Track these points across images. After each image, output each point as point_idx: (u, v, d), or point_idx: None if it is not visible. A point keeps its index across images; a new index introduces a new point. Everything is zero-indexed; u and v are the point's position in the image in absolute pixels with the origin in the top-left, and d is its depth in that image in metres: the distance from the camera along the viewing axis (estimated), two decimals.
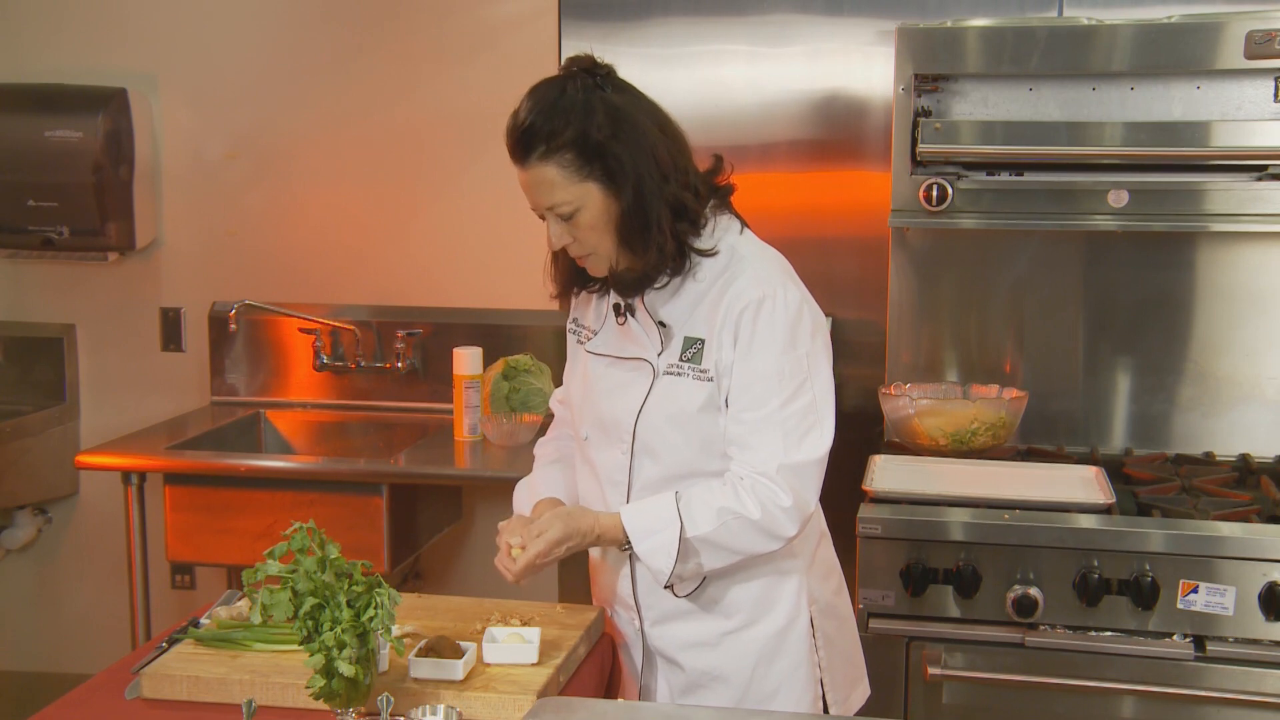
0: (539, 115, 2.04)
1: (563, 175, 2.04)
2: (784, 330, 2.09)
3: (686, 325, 2.14)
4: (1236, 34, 2.86)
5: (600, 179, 2.04)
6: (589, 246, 2.10)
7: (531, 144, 2.04)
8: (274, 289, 3.85)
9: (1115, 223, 2.97)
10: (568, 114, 2.03)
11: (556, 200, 2.06)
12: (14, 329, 4.03)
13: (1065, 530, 2.62)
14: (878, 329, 3.36)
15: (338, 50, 3.79)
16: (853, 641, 2.37)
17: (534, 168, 2.05)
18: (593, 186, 2.05)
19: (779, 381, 2.08)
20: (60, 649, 4.13)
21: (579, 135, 2.02)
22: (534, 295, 3.69)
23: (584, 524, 2.10)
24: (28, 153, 3.74)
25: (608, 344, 2.22)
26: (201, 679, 1.96)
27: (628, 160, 2.04)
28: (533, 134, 2.04)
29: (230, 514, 3.30)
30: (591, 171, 2.04)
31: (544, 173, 2.05)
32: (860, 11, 3.39)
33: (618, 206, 2.05)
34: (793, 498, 2.07)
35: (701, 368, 2.11)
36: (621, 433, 2.17)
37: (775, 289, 2.10)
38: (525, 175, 2.08)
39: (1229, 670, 2.58)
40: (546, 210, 2.08)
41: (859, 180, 3.43)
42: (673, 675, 2.25)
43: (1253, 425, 3.18)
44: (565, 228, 2.08)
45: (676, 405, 2.13)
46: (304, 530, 1.84)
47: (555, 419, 2.47)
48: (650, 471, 2.16)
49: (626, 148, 2.04)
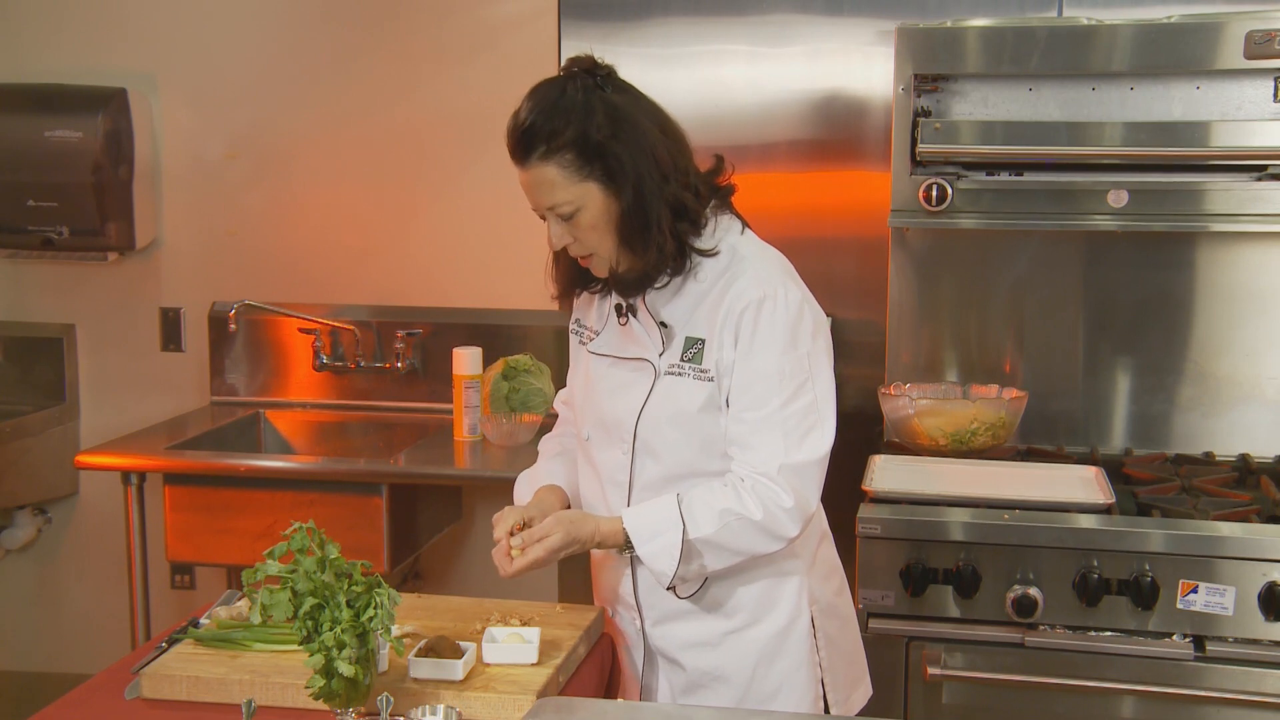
0: (539, 115, 2.04)
1: (563, 175, 2.04)
2: (785, 330, 2.09)
3: (688, 325, 2.14)
4: (1236, 34, 2.86)
5: (600, 179, 2.04)
6: (589, 247, 2.10)
7: (532, 144, 2.04)
8: (274, 289, 3.85)
9: (1115, 223, 2.97)
10: (568, 114, 2.03)
11: (557, 200, 2.06)
12: (14, 329, 4.03)
13: (1065, 530, 2.62)
14: (878, 329, 3.36)
15: (338, 50, 3.79)
16: (854, 642, 2.37)
17: (534, 168, 2.05)
18: (593, 186, 2.05)
19: (780, 381, 2.08)
20: (60, 649, 4.13)
21: (579, 135, 2.02)
22: (534, 295, 3.71)
23: (584, 531, 2.10)
24: (27, 153, 3.74)
25: (609, 344, 2.23)
26: (201, 679, 1.96)
27: (628, 160, 2.03)
28: (533, 134, 2.04)
29: (230, 514, 3.30)
30: (591, 172, 2.04)
31: (544, 173, 2.05)
32: (860, 11, 3.39)
33: (618, 206, 2.05)
34: (794, 498, 2.07)
35: (702, 368, 2.12)
36: (623, 433, 2.17)
37: (776, 289, 2.10)
38: (526, 175, 2.08)
39: (1229, 670, 2.58)
40: (547, 210, 2.08)
41: (859, 180, 3.43)
42: (674, 675, 2.25)
43: (1253, 425, 3.18)
44: (566, 228, 2.09)
45: (677, 405, 2.13)
46: (304, 530, 1.84)
47: (560, 419, 2.48)
48: (651, 471, 2.17)
49: (626, 148, 2.04)
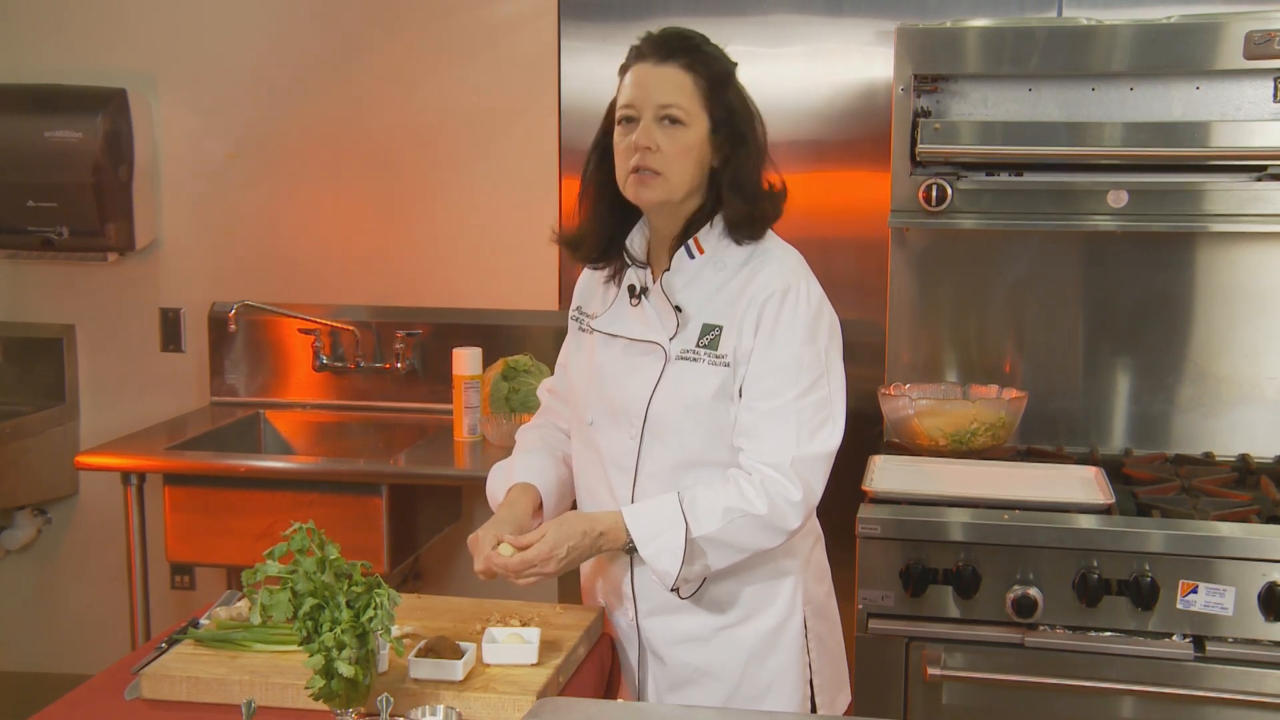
0: (691, 37, 2.14)
1: (695, 89, 2.10)
2: (805, 323, 2.11)
3: (704, 312, 2.14)
4: (1236, 34, 2.86)
5: (715, 121, 2.11)
6: (666, 165, 2.10)
7: (681, 50, 2.12)
8: (274, 289, 3.86)
9: (1115, 223, 2.98)
10: (715, 58, 2.14)
11: (678, 101, 2.10)
12: (14, 329, 4.04)
13: (1065, 530, 2.62)
14: (877, 329, 3.36)
15: (338, 50, 3.80)
16: (840, 646, 2.38)
17: (670, 67, 2.11)
18: (705, 120, 2.11)
19: (797, 373, 2.09)
20: (60, 649, 4.13)
21: (721, 75, 2.13)
22: (534, 295, 3.75)
23: (575, 529, 2.08)
24: (27, 153, 3.74)
25: (617, 325, 2.21)
26: (201, 679, 1.96)
27: (745, 127, 2.13)
28: (688, 44, 2.12)
29: (230, 514, 3.30)
30: (712, 109, 2.11)
31: (680, 76, 2.10)
32: (860, 11, 3.39)
33: (711, 155, 2.12)
34: (802, 491, 2.07)
35: (718, 353, 2.12)
36: (631, 417, 2.16)
37: (800, 282, 2.13)
38: (655, 70, 2.12)
39: (1229, 670, 2.58)
40: (659, 108, 2.10)
41: (859, 180, 3.44)
42: (659, 671, 2.25)
43: (1253, 425, 3.18)
44: (662, 134, 2.10)
45: (690, 391, 2.13)
46: (303, 531, 1.84)
47: (542, 407, 2.45)
48: (659, 457, 2.16)
49: (745, 119, 2.14)
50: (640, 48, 2.14)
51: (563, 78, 3.58)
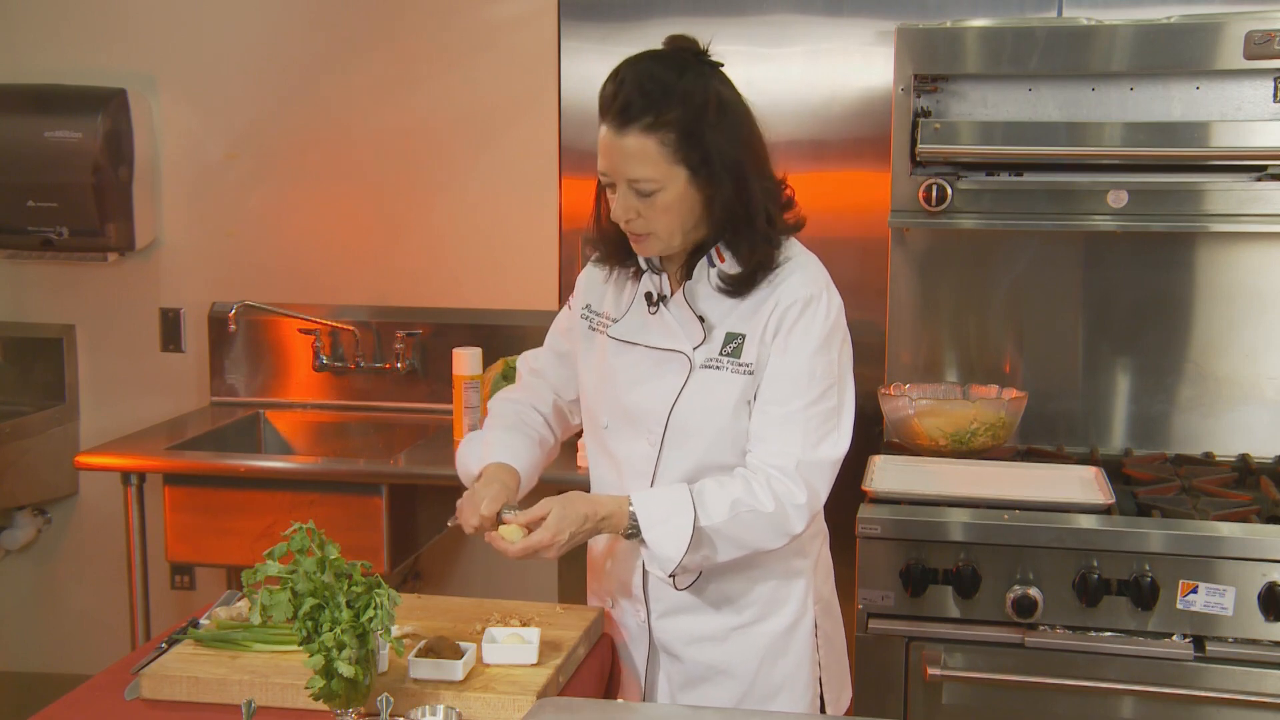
0: (654, 88, 2.01)
1: (660, 153, 2.01)
2: (823, 332, 2.12)
3: (727, 321, 2.14)
4: (1236, 34, 2.86)
5: (692, 166, 2.03)
6: (652, 227, 2.08)
7: (638, 114, 2.01)
8: (274, 289, 3.85)
9: (1115, 223, 2.97)
10: (684, 97, 2.01)
11: (644, 175, 2.03)
12: (14, 329, 4.03)
13: (1065, 530, 2.62)
14: (877, 329, 3.36)
15: (338, 50, 3.79)
16: (843, 643, 2.39)
17: (631, 137, 2.02)
18: (682, 172, 2.03)
19: (810, 380, 2.10)
20: (60, 649, 4.13)
21: (689, 120, 2.01)
22: (534, 295, 3.75)
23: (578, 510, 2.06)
24: (27, 153, 3.74)
25: (635, 332, 2.19)
26: (201, 679, 1.96)
27: (729, 154, 2.04)
28: (643, 105, 2.01)
29: (230, 514, 3.30)
30: (688, 157, 2.02)
31: (641, 145, 2.01)
32: (860, 11, 3.39)
33: (700, 198, 2.05)
34: (807, 494, 2.08)
35: (742, 361, 2.12)
36: (652, 424, 2.16)
37: (823, 291, 2.14)
38: (616, 141, 2.03)
39: (1229, 670, 2.58)
40: (626, 182, 2.05)
41: (859, 180, 3.43)
42: (673, 669, 2.25)
43: (1252, 425, 3.18)
44: (638, 203, 2.05)
45: (714, 399, 2.13)
46: (303, 531, 1.84)
47: (521, 383, 2.41)
48: (677, 464, 2.16)
49: (730, 143, 2.04)
50: (604, 100, 2.06)
51: (563, 78, 3.58)
